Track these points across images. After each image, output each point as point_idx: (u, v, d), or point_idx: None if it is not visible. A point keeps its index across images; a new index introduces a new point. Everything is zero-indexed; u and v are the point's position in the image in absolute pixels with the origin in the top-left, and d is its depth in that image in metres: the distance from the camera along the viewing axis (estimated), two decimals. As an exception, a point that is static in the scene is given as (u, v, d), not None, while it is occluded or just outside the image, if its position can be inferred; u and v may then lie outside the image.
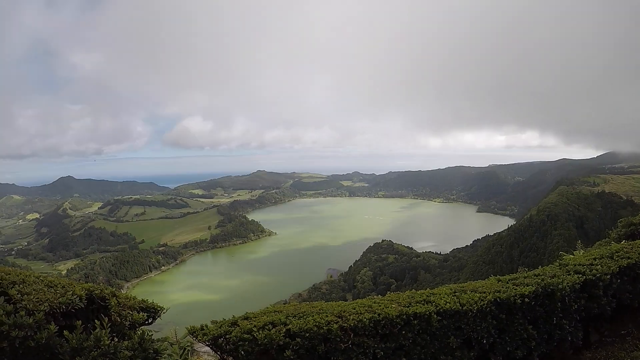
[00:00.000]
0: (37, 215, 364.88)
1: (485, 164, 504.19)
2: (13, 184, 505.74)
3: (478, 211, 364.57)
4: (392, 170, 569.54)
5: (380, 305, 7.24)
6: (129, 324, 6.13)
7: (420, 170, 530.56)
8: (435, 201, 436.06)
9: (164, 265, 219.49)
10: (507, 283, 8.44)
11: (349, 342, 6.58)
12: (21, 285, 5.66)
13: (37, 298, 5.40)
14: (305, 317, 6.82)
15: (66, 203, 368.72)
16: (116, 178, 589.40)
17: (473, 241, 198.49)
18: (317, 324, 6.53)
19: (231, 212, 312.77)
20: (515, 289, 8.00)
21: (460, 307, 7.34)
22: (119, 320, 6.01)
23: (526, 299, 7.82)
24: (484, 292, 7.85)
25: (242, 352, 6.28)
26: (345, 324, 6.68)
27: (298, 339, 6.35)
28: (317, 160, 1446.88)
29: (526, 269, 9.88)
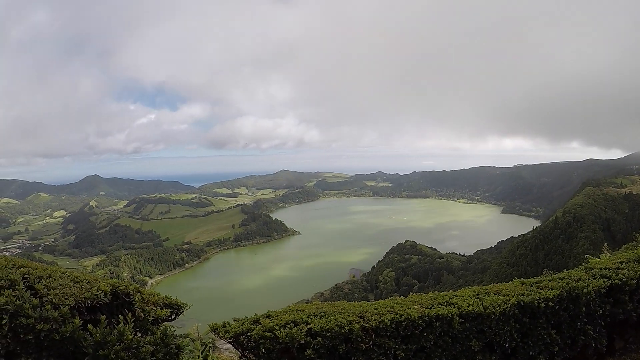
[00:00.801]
0: (64, 213, 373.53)
1: (510, 164, 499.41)
2: (41, 182, 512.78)
3: (503, 212, 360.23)
4: (416, 171, 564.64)
5: (402, 306, 7.19)
6: (152, 320, 6.19)
7: (444, 171, 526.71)
8: (459, 202, 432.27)
9: (187, 263, 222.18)
10: (531, 286, 8.28)
11: (370, 343, 6.55)
12: (47, 280, 5.76)
13: (63, 292, 5.49)
14: (327, 316, 6.81)
15: (92, 201, 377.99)
16: (142, 177, 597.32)
17: (497, 243, 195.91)
18: (338, 323, 6.52)
19: (255, 211, 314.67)
20: (540, 293, 7.84)
21: (483, 310, 7.23)
22: (142, 315, 6.08)
23: (550, 303, 7.65)
24: (508, 295, 7.71)
25: (263, 350, 6.31)
26: (367, 325, 6.66)
27: (319, 338, 6.35)
28: (341, 159, 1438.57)
29: (551, 272, 9.70)
